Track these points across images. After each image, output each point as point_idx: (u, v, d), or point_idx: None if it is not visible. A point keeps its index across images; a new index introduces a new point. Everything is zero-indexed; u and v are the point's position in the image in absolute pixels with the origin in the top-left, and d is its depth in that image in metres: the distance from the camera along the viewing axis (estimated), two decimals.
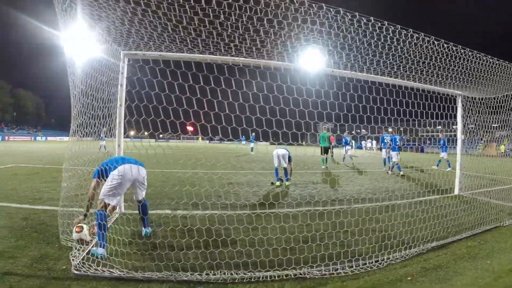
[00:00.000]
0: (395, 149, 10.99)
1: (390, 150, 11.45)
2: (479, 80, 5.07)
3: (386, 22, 3.40)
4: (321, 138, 12.64)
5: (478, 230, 4.19)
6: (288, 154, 7.53)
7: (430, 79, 5.09)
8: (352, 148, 16.44)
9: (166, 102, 3.05)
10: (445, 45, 3.98)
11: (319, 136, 12.71)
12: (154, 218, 4.36)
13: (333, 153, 16.84)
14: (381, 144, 12.81)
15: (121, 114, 4.16)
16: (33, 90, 79.66)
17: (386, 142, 11.81)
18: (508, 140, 7.27)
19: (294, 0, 2.90)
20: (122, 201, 4.17)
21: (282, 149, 7.57)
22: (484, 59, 4.46)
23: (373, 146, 33.76)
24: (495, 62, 4.60)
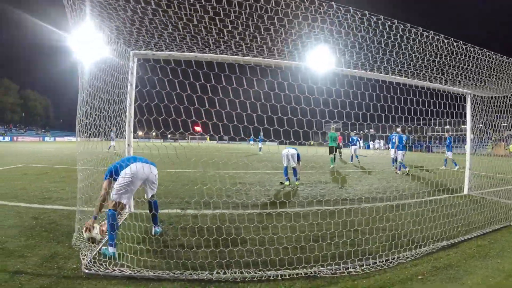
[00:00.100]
0: (401, 147, 11.09)
1: (397, 150, 11.44)
2: (489, 78, 5.02)
3: (396, 21, 3.37)
4: (329, 138, 12.69)
5: (488, 229, 4.16)
6: (297, 153, 7.55)
7: (440, 78, 5.04)
8: (359, 147, 16.39)
9: (173, 101, 3.05)
10: (454, 43, 3.95)
11: (328, 135, 12.76)
12: (165, 217, 4.38)
13: (341, 153, 16.81)
14: (389, 143, 12.79)
15: (131, 113, 4.20)
16: (41, 91, 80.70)
17: (394, 141, 11.78)
18: None
19: None
20: (132, 200, 4.19)
21: (292, 148, 7.61)
22: (493, 57, 4.42)
23: (381, 146, 33.56)
24: (505, 60, 4.56)
